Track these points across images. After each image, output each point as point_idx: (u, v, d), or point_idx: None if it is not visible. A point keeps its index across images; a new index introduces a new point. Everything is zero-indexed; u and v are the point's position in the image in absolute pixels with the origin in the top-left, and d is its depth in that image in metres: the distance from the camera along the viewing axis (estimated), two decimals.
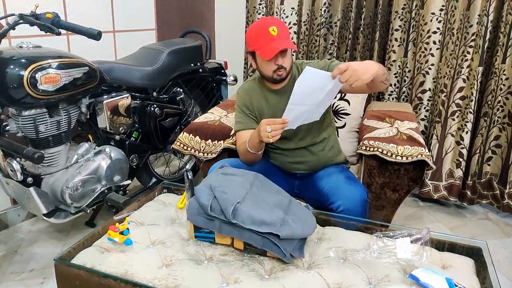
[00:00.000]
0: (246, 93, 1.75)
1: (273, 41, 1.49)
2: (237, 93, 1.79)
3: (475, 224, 2.39)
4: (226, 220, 1.22)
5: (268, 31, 1.50)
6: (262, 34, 1.51)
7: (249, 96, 1.73)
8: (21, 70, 1.58)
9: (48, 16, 1.62)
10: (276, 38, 1.49)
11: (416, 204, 2.61)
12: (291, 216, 1.25)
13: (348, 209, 1.50)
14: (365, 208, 1.56)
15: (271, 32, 1.49)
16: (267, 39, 1.50)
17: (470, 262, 1.24)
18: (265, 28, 1.51)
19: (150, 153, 2.32)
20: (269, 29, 1.50)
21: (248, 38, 1.59)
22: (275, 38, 1.49)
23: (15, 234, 2.18)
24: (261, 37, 1.51)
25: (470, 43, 2.28)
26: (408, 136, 1.80)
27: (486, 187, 2.48)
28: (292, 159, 1.74)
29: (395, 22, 2.58)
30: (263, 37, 1.51)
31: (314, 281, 1.13)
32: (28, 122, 1.69)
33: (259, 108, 1.72)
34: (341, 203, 1.52)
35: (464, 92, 2.36)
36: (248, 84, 1.77)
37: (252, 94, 1.73)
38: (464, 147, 2.40)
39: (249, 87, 1.75)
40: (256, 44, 1.54)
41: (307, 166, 1.74)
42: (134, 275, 1.17)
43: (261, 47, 1.52)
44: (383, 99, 2.75)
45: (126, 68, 2.07)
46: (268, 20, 1.55)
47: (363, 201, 1.54)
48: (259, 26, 1.55)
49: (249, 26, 1.64)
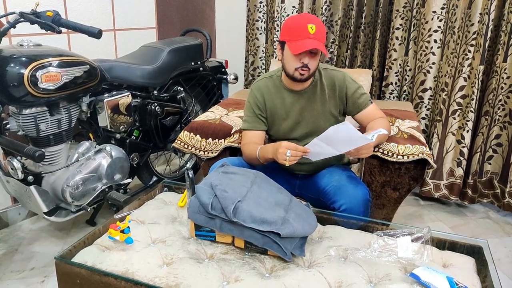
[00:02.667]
0: (259, 91, 1.70)
1: (308, 38, 1.46)
2: (251, 89, 1.73)
3: (475, 223, 2.39)
4: (226, 219, 1.22)
5: (306, 27, 1.46)
6: (299, 28, 1.47)
7: (262, 94, 1.69)
8: (21, 68, 1.58)
9: (49, 14, 1.62)
10: (312, 36, 1.46)
11: (417, 203, 2.61)
12: (292, 214, 1.25)
13: (350, 209, 1.50)
14: (367, 207, 1.55)
15: (309, 29, 1.46)
16: (303, 34, 1.46)
17: (471, 260, 1.24)
18: (304, 23, 1.47)
19: (150, 152, 2.32)
20: (308, 25, 1.46)
21: (284, 28, 1.54)
22: (311, 36, 1.46)
23: (16, 232, 2.18)
24: (297, 30, 1.48)
25: (471, 42, 2.27)
26: (409, 135, 1.80)
27: (487, 186, 2.48)
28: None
29: (396, 20, 2.58)
30: (299, 31, 1.47)
31: (314, 280, 1.13)
32: (29, 120, 1.69)
33: (272, 107, 1.69)
34: (343, 202, 1.51)
35: (465, 91, 2.35)
36: (263, 82, 1.72)
37: (266, 92, 1.69)
38: (465, 146, 2.40)
39: (264, 85, 1.70)
40: (290, 35, 1.50)
41: (310, 167, 1.73)
42: (135, 274, 1.17)
43: (293, 40, 1.48)
44: (384, 98, 2.75)
45: (126, 67, 2.06)
46: (310, 17, 1.50)
47: (366, 201, 1.53)
48: (299, 20, 1.50)
49: (289, 16, 1.62)
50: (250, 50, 3.10)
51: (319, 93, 1.66)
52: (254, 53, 3.09)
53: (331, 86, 1.66)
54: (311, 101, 1.66)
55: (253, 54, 3.10)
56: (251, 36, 3.07)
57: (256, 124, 1.71)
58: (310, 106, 1.66)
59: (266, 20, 3.00)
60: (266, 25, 3.01)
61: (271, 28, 2.97)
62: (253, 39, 3.07)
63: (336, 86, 1.65)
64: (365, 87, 2.29)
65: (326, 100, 1.66)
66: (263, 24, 3.02)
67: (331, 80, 1.66)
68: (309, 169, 1.74)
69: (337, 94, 1.66)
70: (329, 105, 1.66)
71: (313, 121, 1.67)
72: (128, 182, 2.08)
